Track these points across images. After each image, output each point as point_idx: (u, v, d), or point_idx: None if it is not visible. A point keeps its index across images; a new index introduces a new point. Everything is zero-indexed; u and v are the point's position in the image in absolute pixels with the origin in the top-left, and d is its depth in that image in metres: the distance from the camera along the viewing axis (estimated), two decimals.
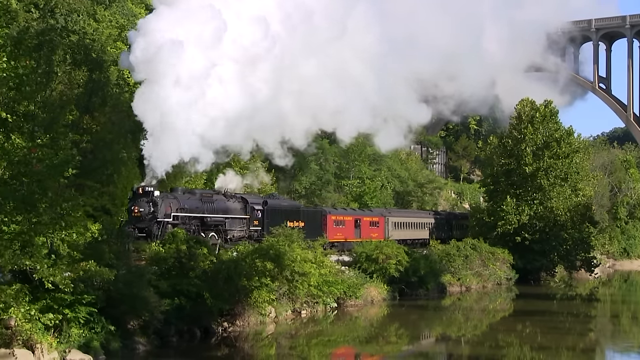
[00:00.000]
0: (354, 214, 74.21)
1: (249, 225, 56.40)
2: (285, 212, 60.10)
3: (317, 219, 64.85)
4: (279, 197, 64.66)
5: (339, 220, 69.85)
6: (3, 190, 30.10)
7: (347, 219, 71.50)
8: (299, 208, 64.71)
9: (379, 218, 77.13)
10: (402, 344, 45.04)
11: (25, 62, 31.03)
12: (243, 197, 57.35)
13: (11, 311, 29.03)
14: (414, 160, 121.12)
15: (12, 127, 30.87)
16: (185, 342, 38.61)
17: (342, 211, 73.50)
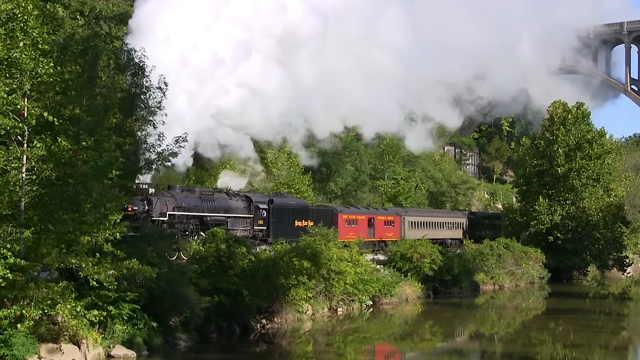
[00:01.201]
0: (367, 212, 71.23)
1: (253, 224, 53.67)
2: (292, 211, 57.93)
3: (327, 218, 61.30)
4: (287, 196, 61.97)
5: (351, 219, 66.79)
6: (50, 191, 30.46)
7: (360, 218, 68.42)
8: (308, 207, 61.92)
9: (394, 217, 73.90)
10: (436, 341, 44.86)
11: (71, 67, 31.32)
12: (247, 196, 54.68)
13: (58, 307, 29.35)
14: (447, 161, 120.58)
15: (58, 130, 31.15)
16: (225, 338, 38.77)
17: (354, 210, 70.40)
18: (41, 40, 30.30)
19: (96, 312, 30.66)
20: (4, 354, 27.35)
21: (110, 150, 32.88)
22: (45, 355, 29.14)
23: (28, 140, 30.64)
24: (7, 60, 30.00)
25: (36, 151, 30.29)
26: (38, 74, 30.28)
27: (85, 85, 33.10)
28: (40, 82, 30.62)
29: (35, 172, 30.66)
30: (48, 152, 30.32)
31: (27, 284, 28.90)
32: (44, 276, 30.54)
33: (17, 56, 29.81)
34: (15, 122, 30.03)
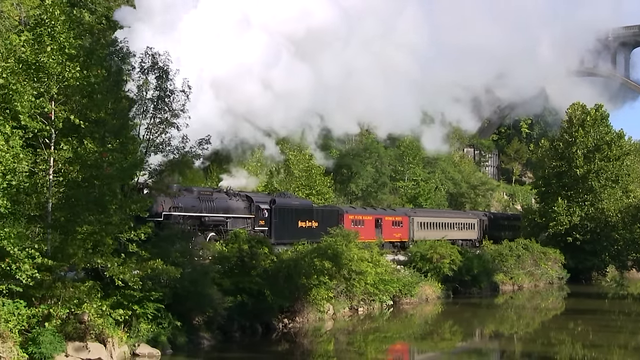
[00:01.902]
0: (375, 213, 68.87)
1: (254, 225, 51.34)
2: (296, 211, 55.81)
3: (332, 218, 59.65)
4: (290, 196, 59.84)
5: (357, 219, 64.36)
6: (76, 193, 30.67)
7: (367, 219, 66.01)
8: (312, 207, 59.56)
9: (403, 217, 71.48)
10: (456, 341, 44.77)
11: (97, 71, 31.53)
12: (248, 196, 52.44)
13: (84, 307, 29.57)
14: (467, 162, 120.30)
15: (84, 133, 31.37)
16: (248, 337, 38.86)
17: (361, 210, 68.34)
18: (68, 45, 30.57)
19: (121, 311, 30.87)
20: (32, 352, 27.58)
21: (135, 152, 33.08)
22: (72, 353, 29.33)
23: (55, 142, 30.91)
24: (35, 64, 30.29)
25: (63, 153, 30.53)
26: (65, 78, 30.55)
27: (111, 88, 33.29)
28: (67, 86, 30.90)
29: (62, 174, 30.89)
30: (74, 154, 30.56)
31: (54, 283, 29.14)
32: (70, 276, 30.76)
33: (44, 61, 30.11)
34: (42, 125, 30.32)
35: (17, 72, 29.83)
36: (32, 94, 29.98)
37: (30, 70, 30.38)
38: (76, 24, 31.10)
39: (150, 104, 35.83)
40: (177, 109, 36.28)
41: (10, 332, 26.89)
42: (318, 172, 70.47)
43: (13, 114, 29.96)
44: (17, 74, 29.75)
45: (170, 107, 36.05)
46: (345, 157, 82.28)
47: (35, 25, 30.65)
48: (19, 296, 28.00)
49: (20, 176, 29.48)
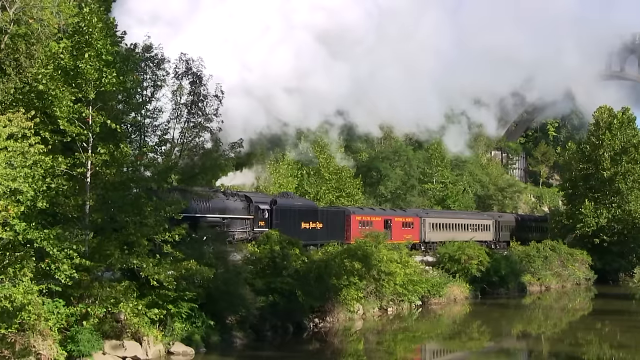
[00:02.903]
0: (384, 214, 65.63)
1: (253, 226, 48.71)
2: (299, 212, 53.07)
3: (338, 219, 57.65)
4: (293, 196, 57.14)
5: (365, 220, 61.27)
6: (113, 195, 30.94)
7: (376, 220, 62.79)
8: (316, 208, 57.00)
9: (414, 219, 68.22)
10: (484, 341, 44.50)
11: (133, 76, 31.77)
12: (247, 196, 49.46)
13: (121, 306, 29.78)
14: (494, 165, 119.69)
15: (121, 137, 31.64)
16: (279, 336, 38.92)
17: (369, 211, 64.87)
18: (104, 51, 30.85)
19: (157, 311, 31.02)
20: (71, 350, 27.83)
21: (169, 155, 33.29)
22: (109, 351, 29.59)
23: (92, 146, 31.17)
24: (74, 70, 30.59)
25: (100, 157, 30.80)
26: (102, 84, 30.83)
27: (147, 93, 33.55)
28: (103, 91, 31.16)
29: (99, 176, 31.16)
30: (111, 157, 30.81)
31: (92, 283, 29.42)
32: (107, 276, 31.02)
33: (82, 67, 30.40)
34: (80, 129, 30.61)
35: (56, 78, 30.19)
36: (70, 99, 30.32)
37: (69, 76, 30.71)
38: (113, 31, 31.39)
39: (184, 109, 36.09)
40: (210, 113, 36.51)
41: (50, 330, 27.13)
42: (348, 174, 70.48)
43: (52, 118, 30.31)
44: (56, 80, 30.12)
45: (204, 112, 36.27)
46: (375, 160, 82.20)
47: (73, 32, 30.97)
48: (58, 295, 28.26)
49: (59, 179, 29.80)
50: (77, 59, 30.54)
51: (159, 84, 34.26)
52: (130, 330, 30.51)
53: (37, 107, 30.46)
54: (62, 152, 31.01)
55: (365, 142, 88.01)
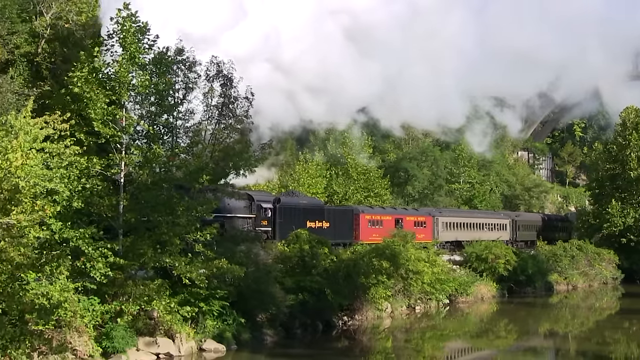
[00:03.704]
0: (395, 213, 63.07)
1: (255, 225, 46.58)
2: (304, 210, 51.04)
3: (346, 218, 55.46)
4: (299, 195, 54.97)
5: (374, 220, 59.18)
6: (146, 195, 31.15)
7: (386, 219, 60.40)
8: (323, 207, 54.76)
9: (426, 218, 65.65)
10: (511, 339, 44.23)
11: (165, 79, 31.96)
12: (248, 194, 46.57)
13: (154, 304, 29.99)
14: (521, 165, 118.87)
15: (153, 138, 31.85)
16: (309, 334, 38.96)
17: (379, 210, 62.31)
18: (138, 55, 31.06)
19: (189, 308, 31.21)
20: (106, 346, 28.07)
21: (201, 156, 33.44)
22: (142, 347, 29.79)
23: (126, 147, 31.40)
24: (108, 74, 30.84)
25: (133, 158, 31.03)
26: (135, 86, 31.04)
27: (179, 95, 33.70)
28: (137, 94, 31.39)
29: (133, 177, 31.39)
30: (144, 158, 31.03)
31: (126, 281, 29.67)
32: (141, 274, 31.22)
33: (116, 70, 30.62)
34: (114, 131, 30.84)
35: (90, 81, 30.41)
36: (104, 102, 30.56)
37: (103, 79, 30.96)
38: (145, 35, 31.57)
39: (215, 111, 36.23)
40: (241, 114, 36.62)
41: (86, 327, 27.40)
42: (376, 175, 70.40)
43: (87, 120, 30.58)
44: (91, 83, 30.34)
45: (234, 113, 36.40)
46: (402, 161, 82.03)
47: (107, 36, 31.22)
48: (93, 293, 28.54)
49: (94, 179, 30.08)
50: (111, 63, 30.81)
51: (191, 86, 34.39)
52: (163, 328, 30.71)
53: (72, 109, 30.71)
54: (97, 153, 31.29)
55: (393, 143, 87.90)
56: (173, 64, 33.54)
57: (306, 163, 65.14)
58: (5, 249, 20.64)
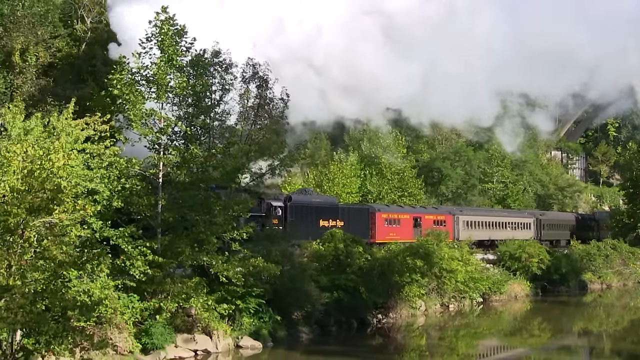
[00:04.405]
0: (413, 211, 60.71)
1: (264, 224, 43.81)
2: (317, 209, 48.99)
3: (361, 217, 53.42)
4: (312, 193, 52.81)
5: (391, 218, 56.83)
6: (184, 195, 31.35)
7: (404, 218, 58.21)
8: (336, 205, 52.54)
9: (446, 216, 63.31)
10: (545, 337, 43.80)
11: (202, 81, 32.14)
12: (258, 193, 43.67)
13: (192, 301, 30.18)
14: (554, 165, 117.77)
15: (191, 139, 32.05)
16: (344, 331, 38.94)
17: (396, 209, 59.84)
18: (175, 57, 31.27)
19: (226, 306, 31.34)
20: (145, 342, 28.30)
21: (237, 157, 33.58)
22: (181, 344, 29.99)
23: (164, 148, 31.62)
24: (146, 76, 31.08)
25: (171, 158, 31.24)
26: (173, 88, 31.26)
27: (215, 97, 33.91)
28: (174, 95, 31.60)
29: (171, 177, 31.61)
30: (182, 159, 31.24)
31: (164, 279, 29.86)
32: (179, 272, 31.40)
33: (154, 72, 30.86)
34: (152, 131, 31.08)
35: (130, 83, 30.68)
36: (143, 103, 30.82)
37: (142, 81, 31.22)
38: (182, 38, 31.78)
39: (251, 111, 36.39)
40: (276, 115, 36.75)
41: (126, 324, 27.67)
42: (410, 174, 70.19)
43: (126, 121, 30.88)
44: (130, 85, 30.60)
45: (270, 114, 36.53)
46: (436, 161, 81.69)
47: (146, 39, 31.46)
48: (133, 291, 28.78)
49: (133, 179, 30.35)
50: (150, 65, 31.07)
51: (227, 87, 34.58)
52: (200, 325, 30.90)
53: (112, 110, 31.04)
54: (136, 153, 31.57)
55: (427, 143, 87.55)
56: (210, 66, 33.73)
57: (340, 163, 65.08)
58: (48, 248, 20.88)
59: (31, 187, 20.56)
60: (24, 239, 20.68)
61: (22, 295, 20.02)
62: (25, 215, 20.28)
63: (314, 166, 63.43)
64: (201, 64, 32.82)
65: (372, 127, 71.32)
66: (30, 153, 21.42)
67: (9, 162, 22.30)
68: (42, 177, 20.78)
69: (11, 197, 20.54)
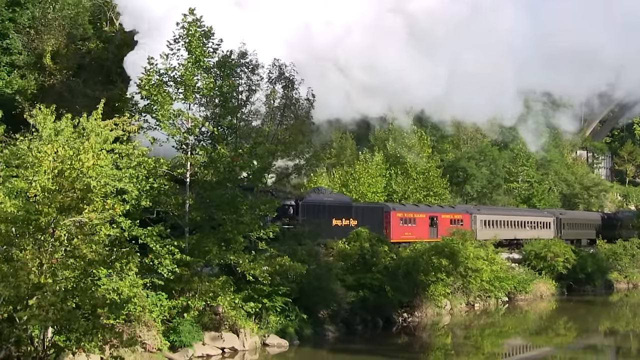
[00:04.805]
0: (429, 210, 59.47)
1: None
2: (329, 208, 47.78)
3: (375, 216, 52.09)
4: (325, 191, 51.21)
5: (407, 217, 55.52)
6: (211, 194, 31.46)
7: (419, 217, 57.00)
8: (350, 204, 51.39)
9: (463, 215, 61.96)
10: (571, 337, 43.49)
11: (229, 82, 32.24)
12: (268, 191, 41.67)
13: (219, 299, 30.30)
14: (580, 164, 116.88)
15: (218, 139, 32.15)
16: (369, 330, 38.90)
17: (412, 208, 58.57)
18: (202, 58, 31.40)
19: (252, 304, 31.42)
20: (173, 340, 28.41)
21: (264, 156, 33.63)
22: (208, 342, 30.09)
23: (191, 148, 31.75)
24: (174, 77, 31.23)
25: (199, 158, 31.36)
26: (200, 89, 31.39)
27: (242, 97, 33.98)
28: (202, 96, 31.73)
29: (198, 177, 31.74)
30: (209, 159, 31.35)
31: (192, 277, 29.97)
32: (206, 271, 31.52)
33: (182, 73, 31.01)
34: (180, 132, 31.23)
35: (158, 84, 30.84)
36: (171, 104, 30.97)
37: (169, 82, 31.37)
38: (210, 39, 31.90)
39: (278, 112, 36.44)
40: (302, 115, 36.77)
41: (154, 321, 27.78)
42: (435, 174, 69.95)
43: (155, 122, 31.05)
44: (158, 86, 30.76)
45: (296, 114, 36.55)
46: (461, 160, 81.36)
47: (173, 41, 31.61)
48: (161, 289, 28.91)
49: (161, 179, 30.51)
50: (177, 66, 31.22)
51: (254, 88, 34.65)
52: (228, 323, 30.97)
53: (140, 111, 31.23)
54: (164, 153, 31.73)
55: (451, 143, 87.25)
56: (237, 67, 33.82)
57: (366, 162, 65.00)
58: (78, 246, 21.04)
59: (62, 186, 20.74)
60: (54, 238, 20.87)
61: (53, 293, 20.21)
62: (56, 214, 20.47)
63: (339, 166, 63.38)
64: (228, 65, 32.90)
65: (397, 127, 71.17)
66: (60, 153, 21.60)
67: (40, 162, 22.56)
68: (72, 177, 20.95)
69: (42, 197, 20.74)
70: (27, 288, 20.01)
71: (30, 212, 20.37)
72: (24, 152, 27.94)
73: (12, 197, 24.22)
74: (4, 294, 19.95)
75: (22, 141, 29.18)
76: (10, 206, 20.69)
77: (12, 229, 20.56)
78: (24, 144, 28.91)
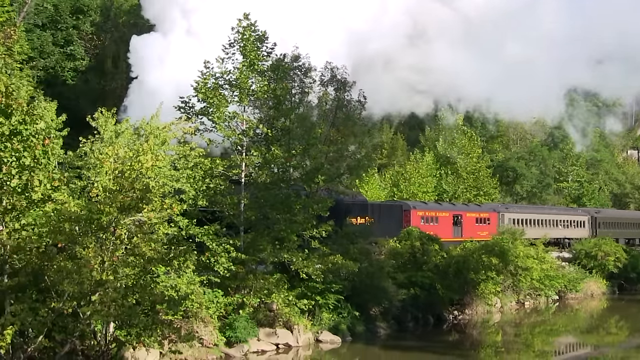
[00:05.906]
0: (453, 209, 56.98)
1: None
2: (345, 206, 44.27)
3: (394, 215, 49.87)
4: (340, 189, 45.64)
5: (428, 216, 53.04)
6: (265, 194, 31.60)
7: (442, 215, 54.49)
8: (366, 202, 48.77)
9: (490, 214, 58.99)
10: (623, 336, 42.63)
11: (282, 84, 32.35)
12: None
13: (273, 296, 30.42)
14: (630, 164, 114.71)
15: (271, 140, 32.28)
16: (420, 327, 38.71)
17: (434, 206, 55.99)
18: (257, 61, 31.56)
19: (306, 301, 31.49)
20: (229, 336, 28.61)
21: (316, 157, 33.65)
22: (263, 338, 30.20)
23: (246, 149, 31.94)
24: (229, 80, 31.46)
25: (253, 159, 31.54)
26: (254, 91, 31.55)
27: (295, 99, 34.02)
28: (256, 98, 31.89)
29: (252, 177, 31.91)
30: (263, 159, 31.50)
31: (247, 275, 30.13)
32: (261, 269, 31.67)
33: (237, 77, 31.21)
34: (235, 133, 31.45)
35: (214, 87, 31.10)
36: (226, 107, 31.20)
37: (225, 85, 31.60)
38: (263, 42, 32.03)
39: (330, 114, 36.40)
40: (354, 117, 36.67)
41: (211, 318, 28.00)
42: (485, 174, 69.35)
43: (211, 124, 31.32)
44: (214, 89, 31.01)
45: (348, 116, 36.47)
46: (510, 160, 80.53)
47: (229, 45, 31.82)
48: (217, 286, 29.12)
49: (217, 179, 30.75)
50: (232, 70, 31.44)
51: (306, 91, 34.67)
52: (282, 319, 31.06)
53: (196, 113, 31.52)
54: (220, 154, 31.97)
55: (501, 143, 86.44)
56: (290, 70, 33.90)
57: (417, 163, 64.72)
58: (138, 244, 21.33)
59: (122, 187, 21.05)
60: (115, 236, 21.20)
61: (114, 290, 20.52)
62: (117, 213, 20.77)
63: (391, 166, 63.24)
64: (281, 68, 33.01)
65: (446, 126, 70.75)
66: (121, 155, 21.94)
67: (102, 163, 22.93)
68: (132, 178, 21.25)
69: (104, 197, 21.07)
70: (90, 284, 20.35)
71: (93, 212, 20.71)
72: (87, 155, 28.51)
73: (75, 197, 24.67)
74: (68, 290, 20.32)
75: (84, 144, 29.73)
76: (73, 206, 21.04)
77: (76, 227, 20.90)
78: (87, 147, 29.47)
